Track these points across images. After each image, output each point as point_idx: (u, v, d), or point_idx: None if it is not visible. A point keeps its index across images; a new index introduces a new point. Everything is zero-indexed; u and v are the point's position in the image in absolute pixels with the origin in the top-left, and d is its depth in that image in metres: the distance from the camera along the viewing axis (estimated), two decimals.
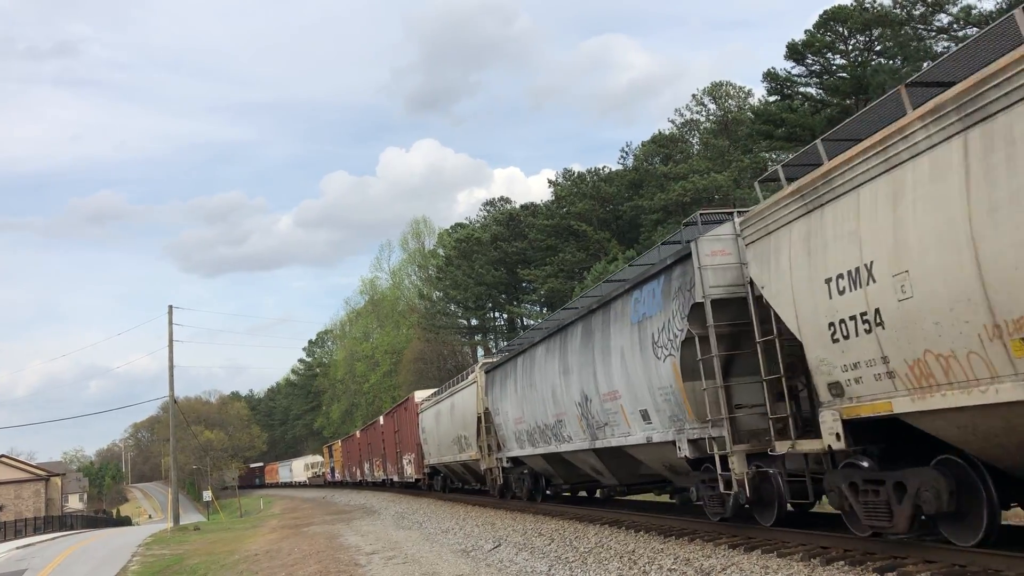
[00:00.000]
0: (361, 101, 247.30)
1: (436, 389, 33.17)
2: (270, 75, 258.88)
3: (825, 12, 39.98)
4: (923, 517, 8.18)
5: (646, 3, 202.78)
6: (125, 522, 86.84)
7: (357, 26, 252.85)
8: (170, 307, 49.77)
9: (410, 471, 36.71)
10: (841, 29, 40.15)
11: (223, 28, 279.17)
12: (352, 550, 18.44)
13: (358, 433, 55.26)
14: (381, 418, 45.14)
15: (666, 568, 10.25)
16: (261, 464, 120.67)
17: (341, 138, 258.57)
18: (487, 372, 22.98)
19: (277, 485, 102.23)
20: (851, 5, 39.40)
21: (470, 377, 25.09)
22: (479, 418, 23.32)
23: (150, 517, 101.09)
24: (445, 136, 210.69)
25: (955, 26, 37.21)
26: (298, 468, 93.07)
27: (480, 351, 72.55)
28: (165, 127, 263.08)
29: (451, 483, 32.66)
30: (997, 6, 33.89)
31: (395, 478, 41.19)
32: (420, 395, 34.71)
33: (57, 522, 65.78)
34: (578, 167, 65.79)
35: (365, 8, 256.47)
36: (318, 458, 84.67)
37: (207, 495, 64.55)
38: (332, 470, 70.79)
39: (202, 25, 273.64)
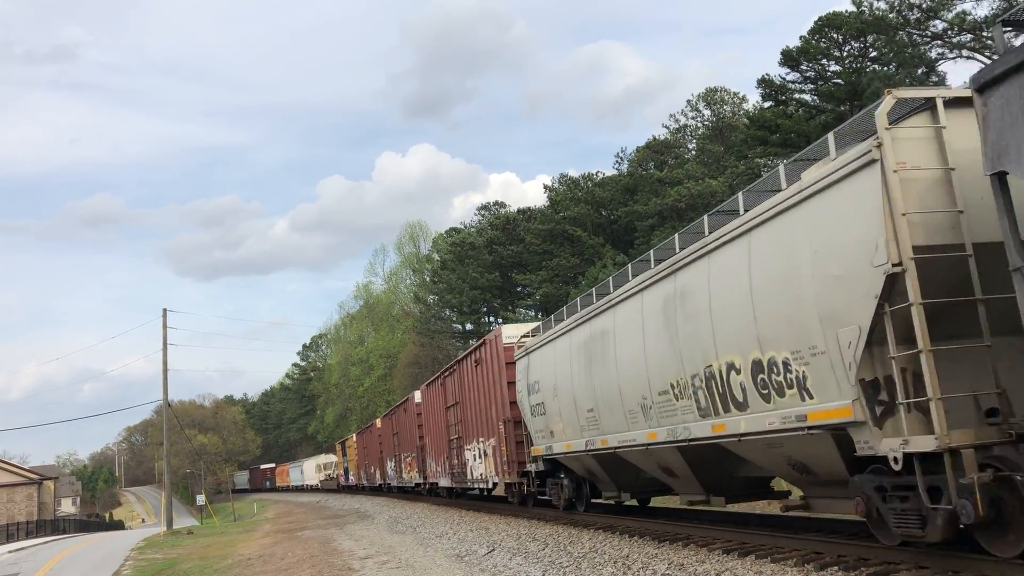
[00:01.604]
0: (357, 106, 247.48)
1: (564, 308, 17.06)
2: (266, 79, 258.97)
3: (820, 18, 40.12)
4: None
5: (640, 10, 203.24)
6: (118, 526, 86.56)
7: (353, 31, 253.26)
8: (164, 310, 49.81)
9: (484, 470, 22.34)
10: (836, 35, 40.26)
11: (219, 32, 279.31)
12: (346, 554, 18.40)
13: (378, 422, 44.88)
14: (416, 393, 32.96)
15: (660, 573, 10.24)
16: (273, 465, 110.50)
17: (337, 142, 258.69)
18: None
19: (288, 489, 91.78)
20: (846, 11, 39.54)
21: (840, 163, 8.21)
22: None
23: (143, 521, 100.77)
24: (441, 141, 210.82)
25: (949, 32, 37.38)
26: (310, 469, 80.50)
27: None
28: (161, 131, 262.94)
29: (599, 493, 17.34)
30: (992, 11, 34.07)
31: (445, 482, 27.55)
32: (513, 331, 20.08)
33: (50, 526, 65.51)
34: (573, 172, 65.88)
35: (361, 14, 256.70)
36: (331, 458, 74.02)
37: (200, 499, 64.34)
38: (346, 471, 60.37)
39: (198, 29, 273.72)
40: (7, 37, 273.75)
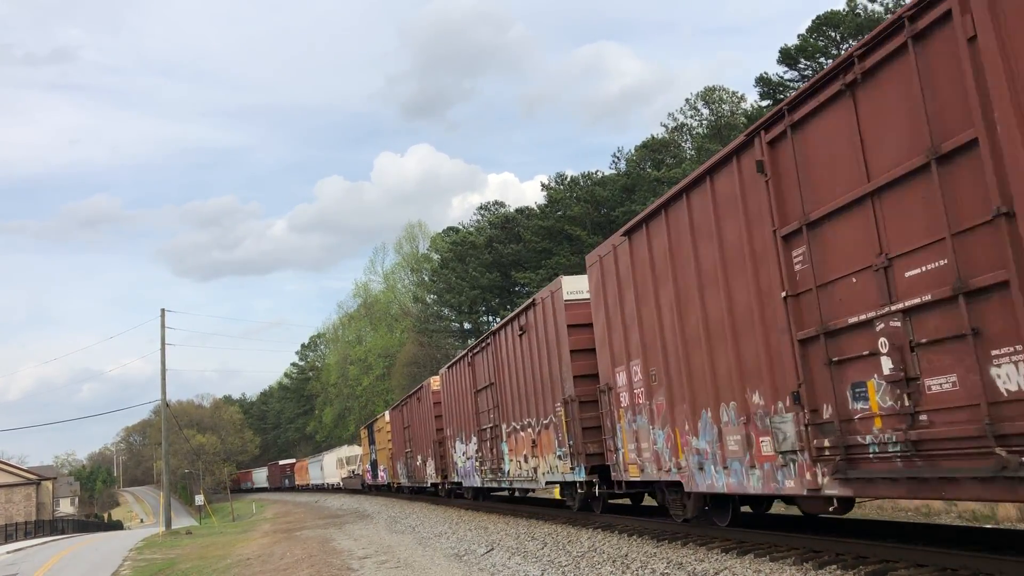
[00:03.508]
0: (356, 107, 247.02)
1: None
2: (264, 80, 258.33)
3: (818, 17, 40.28)
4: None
5: (638, 10, 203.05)
6: (116, 526, 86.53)
7: (351, 33, 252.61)
8: (162, 310, 49.69)
9: None
10: (834, 34, 40.37)
11: (217, 34, 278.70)
12: (345, 554, 18.39)
13: (435, 381, 28.39)
14: (564, 283, 15.74)
15: (659, 572, 10.24)
16: (292, 461, 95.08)
17: (336, 143, 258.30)
18: None
19: (308, 488, 78.17)
20: (843, 11, 39.64)
21: None
22: None
23: (142, 521, 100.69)
24: (439, 141, 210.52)
25: None
26: (330, 465, 66.07)
27: None
28: (159, 132, 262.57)
29: None
30: None
31: (752, 484, 9.62)
32: None
33: (48, 526, 65.56)
34: (571, 172, 65.93)
35: (359, 15, 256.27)
36: (355, 450, 61.16)
37: (199, 499, 64.30)
38: (373, 466, 46.51)
39: (196, 30, 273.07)
40: (7, 40, 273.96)
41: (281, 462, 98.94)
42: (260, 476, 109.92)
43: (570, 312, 15.41)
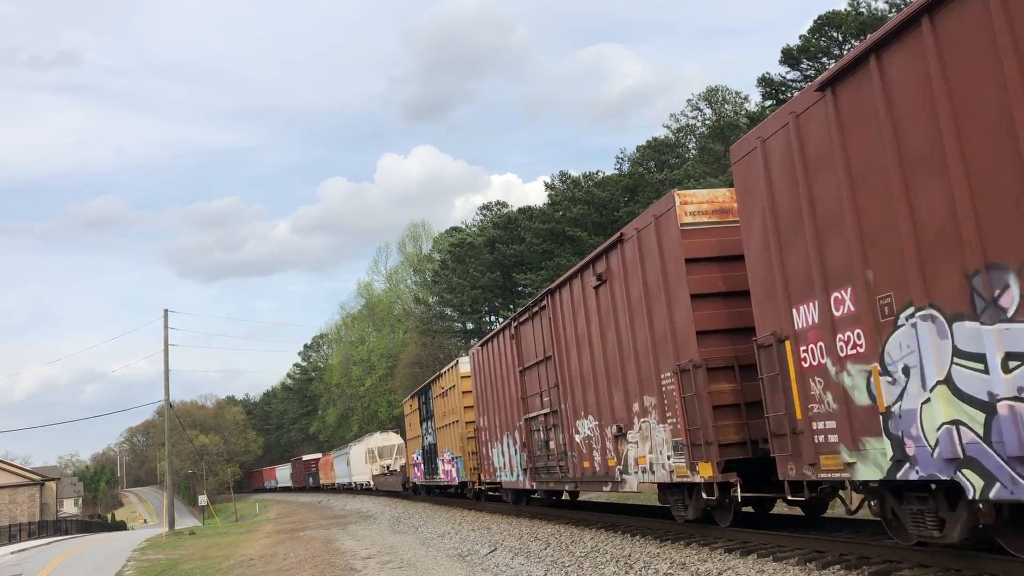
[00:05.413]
0: (359, 108, 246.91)
1: None
2: (267, 82, 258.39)
3: (820, 17, 40.25)
4: None
5: (639, 12, 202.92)
6: (120, 527, 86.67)
7: (354, 34, 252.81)
8: (166, 311, 49.73)
9: None
10: (836, 34, 40.33)
11: (221, 35, 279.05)
12: (348, 554, 18.41)
13: (683, 196, 11.50)
14: None
15: (662, 572, 10.25)
16: (317, 456, 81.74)
17: (339, 144, 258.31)
18: None
19: (333, 488, 66.46)
20: (845, 10, 39.61)
21: None
22: None
23: (145, 522, 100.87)
24: (442, 143, 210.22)
25: None
26: (358, 459, 52.63)
27: None
28: (163, 133, 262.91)
29: None
30: None
31: None
32: None
33: (52, 527, 65.66)
34: (573, 172, 65.88)
35: (362, 17, 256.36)
36: (392, 439, 49.87)
37: (202, 499, 64.38)
38: (427, 456, 30.92)
39: (200, 32, 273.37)
40: (13, 43, 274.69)
41: (305, 457, 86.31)
42: (284, 474, 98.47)
43: None
